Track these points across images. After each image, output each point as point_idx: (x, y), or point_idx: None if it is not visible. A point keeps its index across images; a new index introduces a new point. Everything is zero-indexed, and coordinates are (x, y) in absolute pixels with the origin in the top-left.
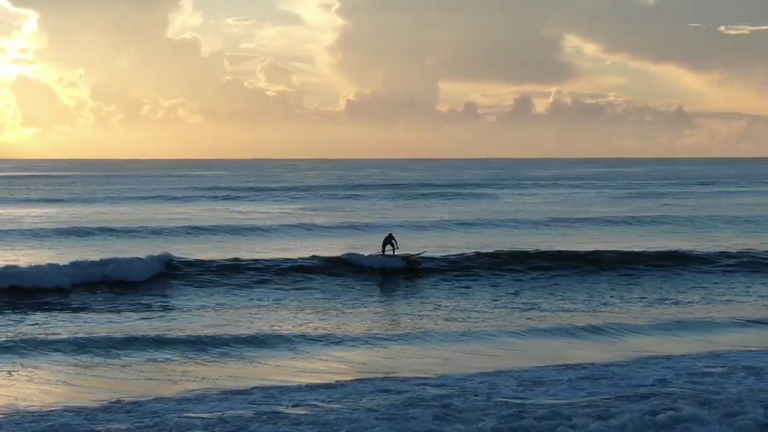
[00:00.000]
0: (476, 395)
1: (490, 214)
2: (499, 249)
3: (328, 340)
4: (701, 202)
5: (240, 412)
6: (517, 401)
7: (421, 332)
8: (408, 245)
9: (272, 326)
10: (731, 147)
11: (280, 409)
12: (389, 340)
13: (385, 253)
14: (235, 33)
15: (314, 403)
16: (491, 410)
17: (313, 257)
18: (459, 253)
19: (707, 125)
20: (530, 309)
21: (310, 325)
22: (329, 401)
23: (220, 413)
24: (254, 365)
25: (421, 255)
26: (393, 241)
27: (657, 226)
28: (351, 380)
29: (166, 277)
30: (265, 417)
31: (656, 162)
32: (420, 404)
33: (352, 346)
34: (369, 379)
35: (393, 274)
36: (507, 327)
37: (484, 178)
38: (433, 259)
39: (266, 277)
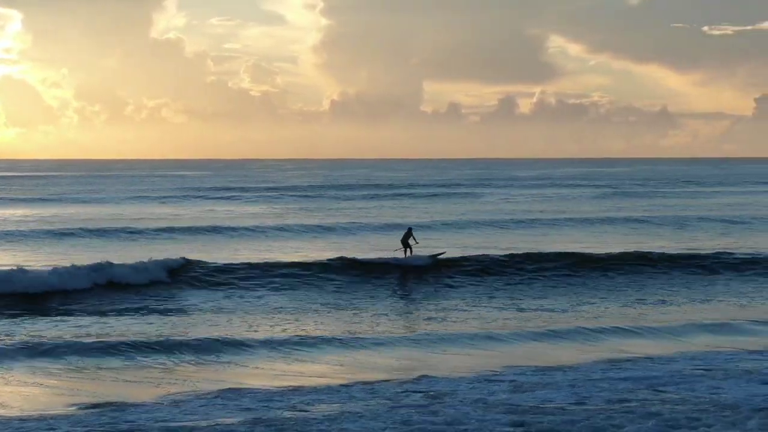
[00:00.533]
0: (468, 399)
1: (473, 214)
2: (482, 249)
3: (312, 341)
4: (684, 202)
5: (228, 418)
6: (518, 405)
7: (403, 334)
8: (395, 245)
9: (255, 328)
10: (714, 147)
11: (269, 414)
12: (371, 341)
13: (406, 249)
14: (219, 33)
15: (303, 407)
16: (494, 415)
17: (304, 259)
18: (444, 253)
19: (691, 125)
20: (511, 310)
21: (291, 326)
22: (317, 404)
23: (208, 419)
24: (236, 368)
25: (442, 255)
26: (413, 236)
27: (640, 226)
28: (338, 384)
29: (170, 280)
30: (252, 421)
31: (640, 162)
32: (415, 408)
33: (336, 348)
34: (354, 382)
35: (403, 274)
36: (488, 328)
37: (470, 178)
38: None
39: (269, 280)
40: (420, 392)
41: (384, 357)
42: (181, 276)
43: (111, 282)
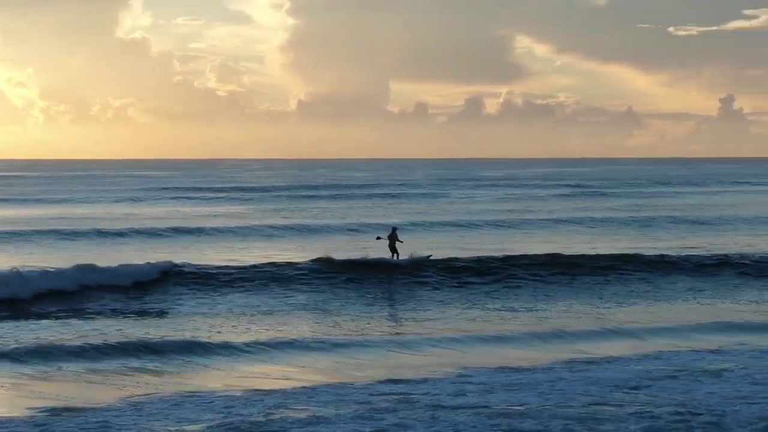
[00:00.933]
0: (441, 402)
1: (441, 215)
2: (450, 250)
3: (280, 344)
4: (649, 202)
5: (193, 424)
6: (494, 407)
7: (370, 336)
8: (362, 245)
9: (225, 331)
10: (680, 147)
11: (235, 418)
12: (337, 342)
13: (394, 254)
14: (185, 33)
15: (270, 411)
16: (470, 418)
17: (272, 260)
18: (430, 256)
19: (657, 125)
20: (477, 310)
21: (260, 328)
22: (285, 408)
23: (172, 423)
24: (203, 370)
25: (429, 257)
26: (398, 237)
27: (604, 226)
28: (304, 386)
29: (157, 283)
30: (218, 426)
31: (606, 162)
32: (387, 411)
33: (302, 350)
34: (322, 385)
35: (375, 275)
36: (455, 329)
37: (438, 178)
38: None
39: (245, 282)
40: (390, 395)
41: (349, 358)
42: (169, 279)
43: (99, 285)
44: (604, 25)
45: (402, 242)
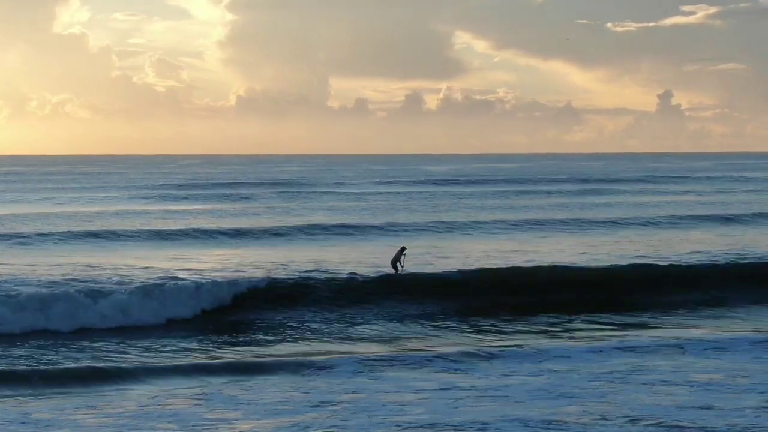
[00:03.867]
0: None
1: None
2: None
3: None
4: (586, 201)
5: None
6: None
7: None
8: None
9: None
10: (618, 143)
11: None
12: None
13: (398, 267)
14: (123, 28)
15: None
16: None
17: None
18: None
19: (595, 121)
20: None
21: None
22: None
23: None
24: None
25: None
26: (404, 255)
27: (539, 230)
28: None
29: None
30: None
31: (545, 157)
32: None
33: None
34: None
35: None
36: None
37: (383, 174)
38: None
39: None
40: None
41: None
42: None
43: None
44: (542, 21)
45: (403, 267)
